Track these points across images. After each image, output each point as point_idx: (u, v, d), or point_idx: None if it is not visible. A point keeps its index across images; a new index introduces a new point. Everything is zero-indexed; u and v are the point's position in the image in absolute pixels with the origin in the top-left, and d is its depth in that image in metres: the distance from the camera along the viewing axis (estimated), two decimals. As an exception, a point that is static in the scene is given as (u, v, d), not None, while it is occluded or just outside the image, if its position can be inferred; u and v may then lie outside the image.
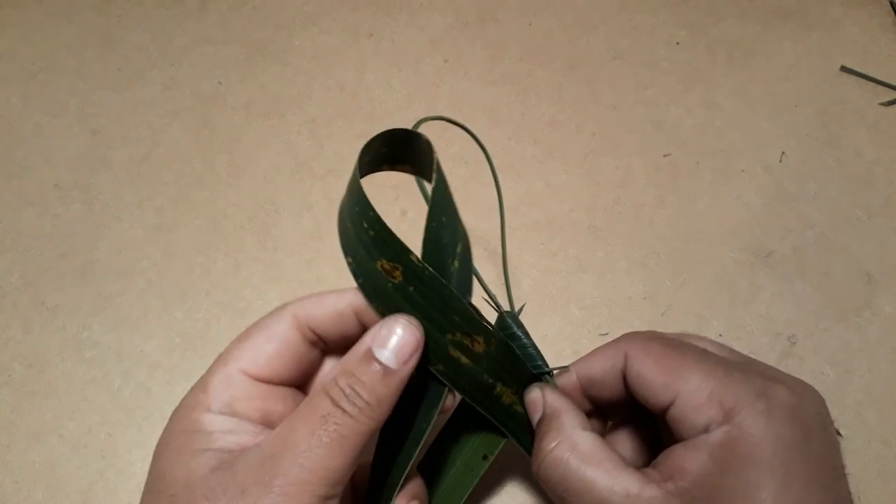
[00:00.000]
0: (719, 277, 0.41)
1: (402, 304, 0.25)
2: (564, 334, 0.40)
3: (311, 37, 0.51)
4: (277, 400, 0.26)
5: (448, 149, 0.46)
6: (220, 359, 0.26)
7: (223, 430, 0.24)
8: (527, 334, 0.30)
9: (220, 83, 0.49)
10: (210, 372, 0.26)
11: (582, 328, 0.40)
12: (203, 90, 0.49)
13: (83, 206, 0.44)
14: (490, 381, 0.27)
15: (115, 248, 0.43)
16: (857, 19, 0.51)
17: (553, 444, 0.25)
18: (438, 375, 0.26)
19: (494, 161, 0.46)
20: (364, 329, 0.26)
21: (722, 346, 0.28)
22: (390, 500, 0.26)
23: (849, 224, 0.43)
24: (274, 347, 0.26)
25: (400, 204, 0.43)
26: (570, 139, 0.46)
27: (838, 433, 0.37)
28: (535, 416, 0.28)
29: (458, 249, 0.26)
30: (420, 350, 0.25)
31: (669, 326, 0.40)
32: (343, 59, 0.50)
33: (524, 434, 0.29)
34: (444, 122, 0.33)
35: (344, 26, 0.51)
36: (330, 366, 0.29)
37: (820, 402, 0.25)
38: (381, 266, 0.25)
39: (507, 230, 0.43)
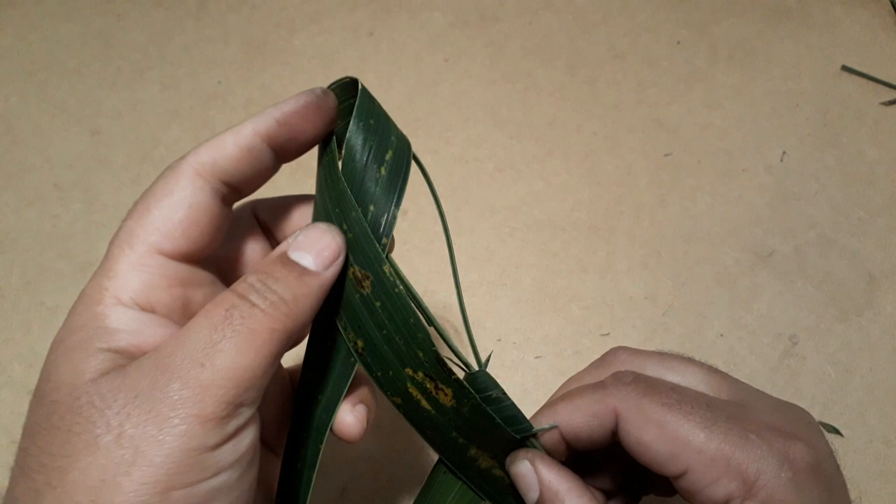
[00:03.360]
0: (720, 277, 0.41)
1: (365, 321, 0.23)
2: (565, 334, 0.40)
3: (310, 36, 0.51)
4: (198, 286, 0.23)
5: (448, 148, 0.46)
6: (121, 239, 0.22)
7: (130, 328, 0.21)
8: (503, 391, 0.26)
9: (219, 83, 0.49)
10: (112, 256, 0.22)
11: (583, 328, 0.40)
12: (203, 90, 0.49)
13: (82, 205, 0.44)
14: (461, 441, 0.25)
15: (115, 249, 0.43)
16: (857, 19, 0.51)
17: None
18: (396, 407, 0.24)
19: (495, 160, 0.46)
20: (278, 161, 0.24)
21: (710, 372, 0.25)
22: (331, 416, 0.24)
23: (850, 223, 0.43)
24: (184, 214, 0.22)
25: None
26: (570, 138, 0.46)
27: (838, 431, 0.37)
28: (530, 496, 0.24)
29: (388, 157, 0.23)
30: (341, 259, 0.22)
31: (671, 326, 0.40)
32: (343, 58, 0.50)
33: (504, 496, 0.26)
34: (441, 119, 0.33)
35: (344, 25, 0.51)
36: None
37: (827, 444, 0.23)
38: (353, 273, 0.23)
39: (506, 230, 0.43)
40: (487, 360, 0.27)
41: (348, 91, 0.24)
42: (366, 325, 0.23)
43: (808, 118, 0.47)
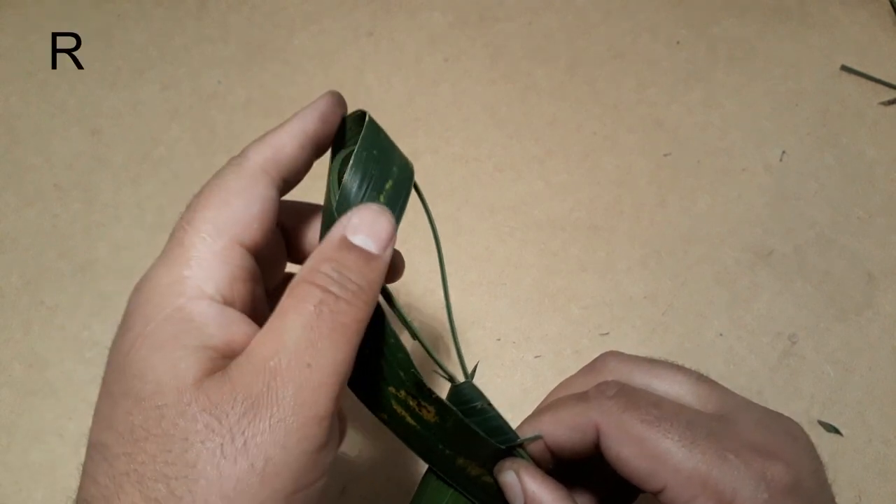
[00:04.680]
0: (720, 277, 0.41)
1: None
2: (565, 334, 0.40)
3: (310, 36, 0.51)
4: (258, 280, 0.23)
5: (448, 148, 0.46)
6: (200, 229, 0.21)
7: (218, 323, 0.20)
8: (489, 402, 0.26)
9: (219, 83, 0.49)
10: (189, 244, 0.21)
11: (582, 328, 0.40)
12: (203, 90, 0.49)
13: (82, 205, 0.44)
14: (448, 452, 0.25)
15: (115, 248, 0.43)
16: (857, 18, 0.51)
17: None
18: (383, 423, 0.24)
19: (495, 160, 0.46)
20: (313, 157, 0.24)
21: (699, 381, 0.25)
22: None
23: (849, 223, 0.43)
24: (260, 208, 0.22)
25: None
26: (570, 138, 0.46)
27: (838, 431, 0.37)
28: (516, 503, 0.25)
29: (387, 186, 0.24)
30: (395, 239, 0.22)
31: (670, 326, 0.40)
32: (343, 58, 0.50)
33: (496, 500, 0.26)
34: (441, 118, 0.33)
35: (344, 25, 0.51)
36: None
37: (812, 456, 0.23)
38: None
39: (506, 230, 0.43)
40: (474, 371, 0.27)
41: (359, 123, 0.25)
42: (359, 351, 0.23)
43: (808, 118, 0.47)
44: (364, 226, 0.22)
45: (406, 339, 0.27)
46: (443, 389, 0.27)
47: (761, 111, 0.47)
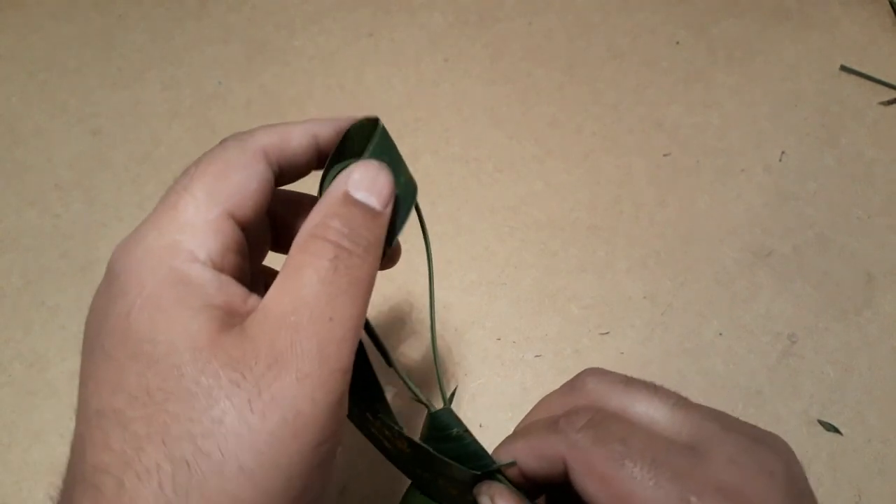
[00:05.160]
0: (719, 277, 0.41)
1: None
2: (565, 334, 0.40)
3: (310, 37, 0.51)
4: (246, 256, 0.23)
5: (448, 148, 0.46)
6: (195, 196, 0.21)
7: (213, 285, 0.20)
8: (465, 428, 0.26)
9: (220, 83, 0.49)
10: (182, 208, 0.21)
11: (582, 328, 0.40)
12: (203, 90, 0.49)
13: (84, 205, 0.44)
14: (427, 475, 0.25)
15: (116, 248, 0.43)
16: (856, 19, 0.51)
17: None
18: (367, 439, 0.25)
19: (494, 160, 0.46)
20: (314, 161, 0.24)
21: (676, 405, 0.24)
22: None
23: (849, 223, 0.43)
24: (257, 187, 0.22)
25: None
26: (570, 138, 0.46)
27: (837, 430, 0.37)
28: None
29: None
30: (394, 195, 0.22)
31: (670, 326, 0.40)
32: (343, 58, 0.50)
33: None
34: (441, 119, 0.32)
35: (344, 26, 0.51)
36: None
37: (789, 495, 0.22)
38: None
39: (506, 230, 0.43)
40: (452, 395, 0.27)
41: (368, 129, 0.25)
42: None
43: (807, 118, 0.47)
44: (366, 181, 0.22)
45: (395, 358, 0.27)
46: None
47: (761, 111, 0.47)
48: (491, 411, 0.37)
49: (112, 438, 0.18)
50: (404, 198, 0.24)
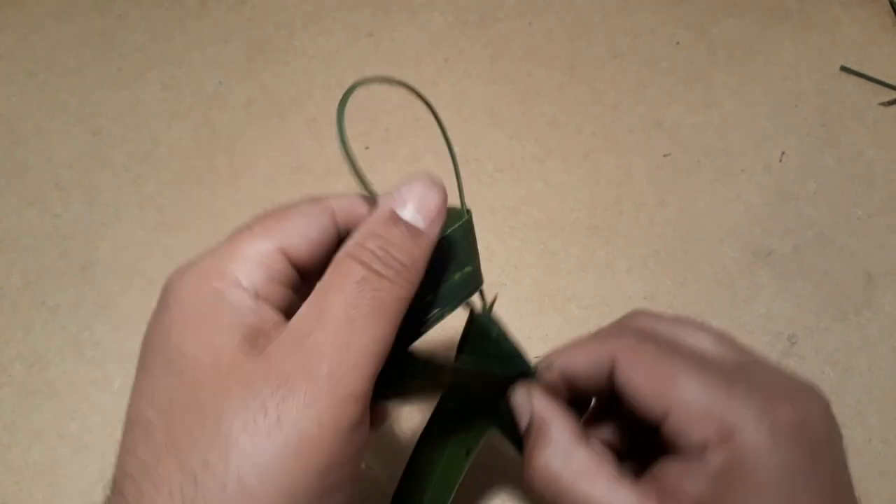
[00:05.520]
0: (719, 277, 0.41)
1: None
2: (565, 334, 0.40)
3: (311, 36, 0.51)
4: (301, 294, 0.23)
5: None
6: (254, 231, 0.23)
7: (250, 309, 0.21)
8: (505, 332, 0.27)
9: (220, 83, 0.49)
10: (240, 240, 0.22)
11: (582, 328, 0.40)
12: (203, 90, 0.49)
13: (84, 205, 0.44)
14: (467, 390, 0.27)
15: (116, 248, 0.43)
16: (857, 19, 0.51)
17: (545, 459, 0.24)
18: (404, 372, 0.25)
19: (494, 160, 0.46)
20: None
21: (722, 338, 0.25)
22: None
23: (849, 223, 0.43)
24: (316, 234, 0.23)
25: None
26: (570, 139, 0.46)
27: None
28: (523, 421, 0.26)
29: (456, 276, 0.26)
30: (444, 213, 0.23)
31: (670, 326, 0.40)
32: (343, 58, 0.50)
33: (511, 426, 0.27)
34: (443, 120, 0.32)
35: (344, 26, 0.51)
36: None
37: (826, 412, 0.23)
38: None
39: (506, 230, 0.43)
40: (492, 303, 0.28)
41: (456, 216, 0.26)
42: None
43: (807, 118, 0.47)
44: (414, 198, 0.22)
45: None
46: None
47: (761, 111, 0.47)
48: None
49: (139, 446, 0.19)
50: (461, 286, 0.25)
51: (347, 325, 0.20)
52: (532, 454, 0.24)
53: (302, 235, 0.23)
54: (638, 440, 0.27)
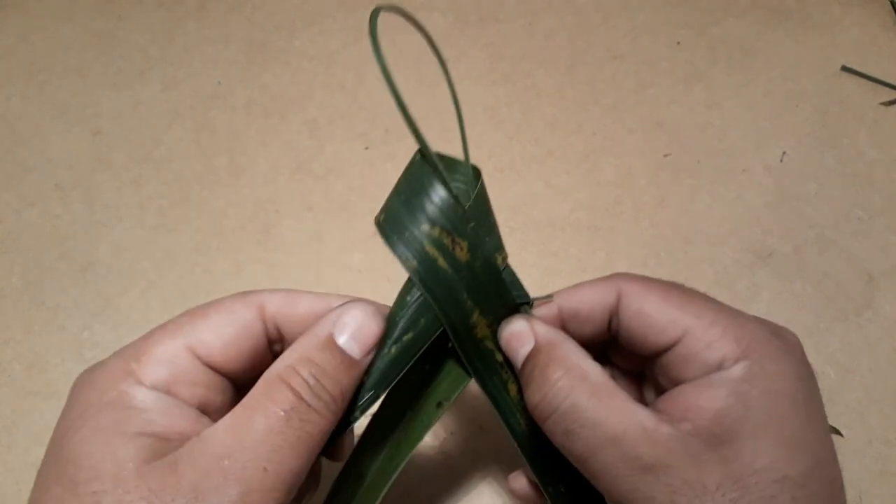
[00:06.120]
0: (720, 277, 0.41)
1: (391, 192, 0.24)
2: (565, 334, 0.40)
3: (311, 37, 0.51)
4: (217, 391, 0.23)
5: (448, 148, 0.46)
6: (166, 329, 0.22)
7: (158, 408, 0.20)
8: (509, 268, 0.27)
9: (220, 83, 0.49)
10: (149, 339, 0.22)
11: (582, 328, 0.40)
12: (203, 90, 0.49)
13: (84, 206, 0.44)
14: (469, 304, 0.25)
15: (116, 249, 0.43)
16: (857, 19, 0.51)
17: (560, 373, 0.22)
18: (414, 277, 0.24)
19: (495, 161, 0.46)
20: None
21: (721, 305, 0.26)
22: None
23: (849, 224, 0.43)
24: (233, 332, 0.23)
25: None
26: (570, 139, 0.46)
27: (838, 432, 0.37)
28: (523, 350, 0.24)
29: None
30: (380, 343, 0.22)
31: (670, 326, 0.40)
32: (343, 59, 0.50)
33: (490, 376, 0.26)
34: (441, 119, 0.33)
35: (344, 26, 0.51)
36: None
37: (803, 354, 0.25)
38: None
39: (506, 230, 0.43)
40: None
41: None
42: (389, 197, 0.24)
43: (808, 118, 0.47)
44: (354, 326, 0.22)
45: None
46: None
47: (761, 112, 0.47)
48: (492, 413, 0.37)
49: None
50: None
51: (269, 452, 0.19)
52: (545, 371, 0.23)
53: (217, 334, 0.22)
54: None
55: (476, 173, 0.27)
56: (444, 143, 0.48)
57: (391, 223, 0.24)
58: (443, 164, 0.25)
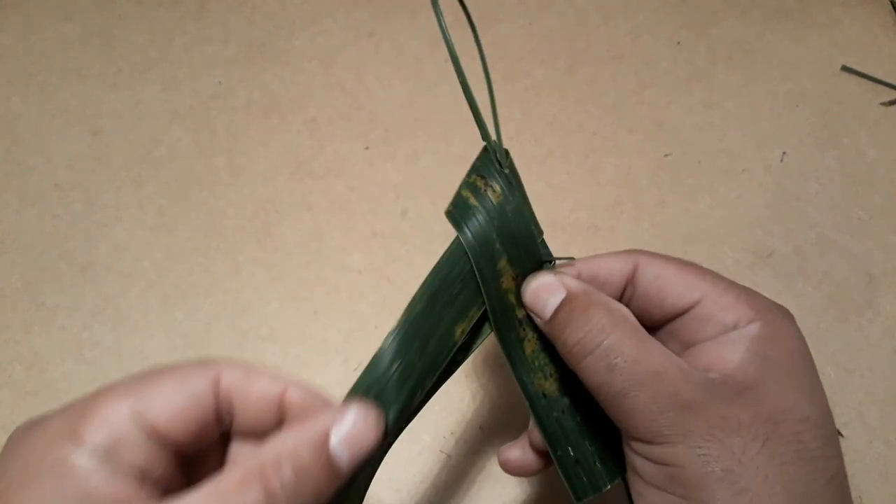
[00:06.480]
0: (720, 277, 0.41)
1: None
2: (565, 334, 0.40)
3: (311, 37, 0.51)
4: (159, 458, 0.22)
5: (448, 148, 0.46)
6: (117, 389, 0.21)
7: (97, 474, 0.20)
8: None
9: (220, 83, 0.49)
10: (97, 399, 0.21)
11: (583, 328, 0.40)
12: (203, 90, 0.49)
13: (83, 206, 0.44)
14: (499, 247, 0.26)
15: (116, 249, 0.43)
16: (857, 19, 0.51)
17: (602, 312, 0.24)
18: (448, 218, 0.26)
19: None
20: (280, 422, 0.23)
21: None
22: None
23: (850, 224, 0.43)
24: (183, 402, 0.22)
25: (400, 204, 0.43)
26: (570, 139, 0.46)
27: (838, 431, 0.37)
28: (553, 299, 0.25)
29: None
30: (368, 455, 0.22)
31: (670, 326, 0.40)
32: (343, 58, 0.50)
33: (509, 331, 0.27)
34: (441, 119, 0.33)
35: (344, 26, 0.51)
36: (238, 450, 0.24)
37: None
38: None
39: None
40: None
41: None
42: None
43: (808, 118, 0.47)
44: (354, 434, 0.21)
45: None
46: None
47: (762, 112, 0.47)
48: (492, 413, 0.37)
49: None
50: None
51: None
52: (588, 311, 0.24)
53: (167, 402, 0.21)
54: None
55: (505, 153, 0.29)
56: (444, 142, 0.48)
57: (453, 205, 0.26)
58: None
